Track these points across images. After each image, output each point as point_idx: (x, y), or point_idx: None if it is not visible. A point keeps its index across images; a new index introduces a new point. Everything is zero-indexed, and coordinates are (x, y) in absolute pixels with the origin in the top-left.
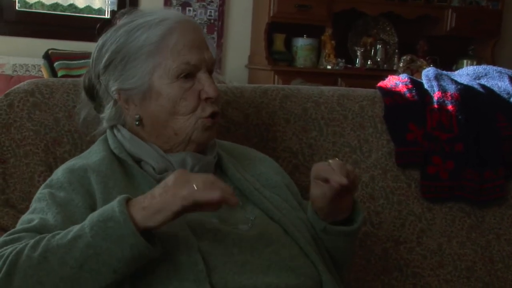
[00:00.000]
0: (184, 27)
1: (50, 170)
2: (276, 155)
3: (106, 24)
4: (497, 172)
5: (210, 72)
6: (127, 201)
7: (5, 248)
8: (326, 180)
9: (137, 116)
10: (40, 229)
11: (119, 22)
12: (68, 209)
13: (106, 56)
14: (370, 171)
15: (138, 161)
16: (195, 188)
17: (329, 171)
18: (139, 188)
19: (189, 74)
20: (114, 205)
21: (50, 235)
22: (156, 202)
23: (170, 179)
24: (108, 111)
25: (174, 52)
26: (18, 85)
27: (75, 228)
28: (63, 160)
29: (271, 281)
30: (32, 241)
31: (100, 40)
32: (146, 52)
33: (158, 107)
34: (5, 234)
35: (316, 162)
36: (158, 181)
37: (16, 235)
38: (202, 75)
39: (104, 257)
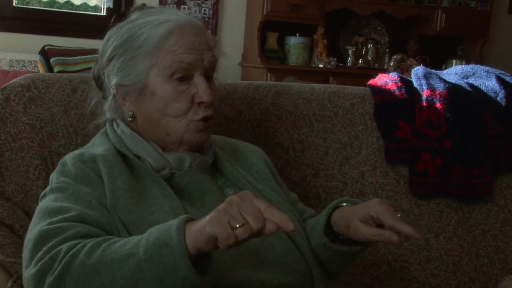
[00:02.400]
0: (185, 30)
1: (46, 163)
2: (267, 151)
3: (121, 16)
4: (484, 169)
5: (210, 75)
6: (187, 222)
7: (55, 240)
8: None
9: (130, 113)
10: (82, 219)
11: (130, 17)
12: (95, 198)
13: (109, 51)
14: (359, 167)
15: (138, 157)
16: (234, 226)
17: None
18: (141, 181)
19: (184, 77)
20: (172, 230)
21: (107, 243)
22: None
23: (220, 207)
24: (108, 103)
25: (170, 52)
26: (14, 80)
27: (132, 241)
28: (59, 154)
29: (266, 277)
30: (88, 245)
31: (108, 34)
32: (144, 51)
33: (151, 106)
34: (43, 223)
35: (307, 157)
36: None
37: (58, 225)
38: (198, 78)
39: (155, 283)
